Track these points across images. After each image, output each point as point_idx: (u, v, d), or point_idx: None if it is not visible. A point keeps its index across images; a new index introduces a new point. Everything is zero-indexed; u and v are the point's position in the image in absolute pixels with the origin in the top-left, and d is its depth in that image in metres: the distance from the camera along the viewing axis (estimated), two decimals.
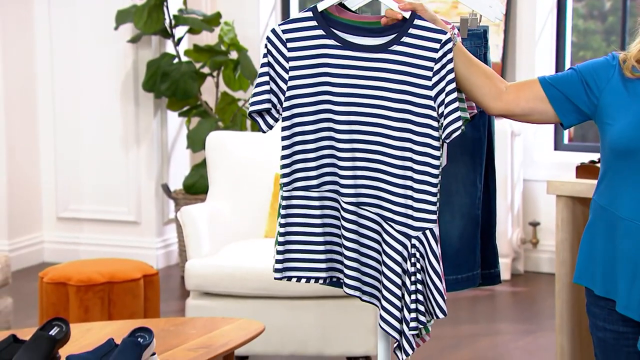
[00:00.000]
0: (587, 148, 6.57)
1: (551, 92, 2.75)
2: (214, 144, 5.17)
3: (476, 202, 3.06)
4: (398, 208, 2.73)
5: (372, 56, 2.71)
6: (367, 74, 2.72)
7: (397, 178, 2.73)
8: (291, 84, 2.76)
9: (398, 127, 2.71)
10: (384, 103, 2.71)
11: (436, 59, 2.67)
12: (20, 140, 6.78)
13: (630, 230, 2.66)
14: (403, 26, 2.70)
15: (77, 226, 6.93)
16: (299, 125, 2.78)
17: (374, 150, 2.74)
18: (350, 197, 2.77)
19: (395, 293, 2.74)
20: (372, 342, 4.61)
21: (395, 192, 2.73)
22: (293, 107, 2.78)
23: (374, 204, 2.76)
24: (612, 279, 2.70)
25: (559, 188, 3.89)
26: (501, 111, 2.78)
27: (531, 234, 6.61)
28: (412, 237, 2.72)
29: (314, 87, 2.76)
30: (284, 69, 2.76)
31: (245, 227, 5.06)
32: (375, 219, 2.77)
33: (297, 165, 2.80)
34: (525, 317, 5.74)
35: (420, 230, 2.72)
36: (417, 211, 2.72)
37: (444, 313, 2.73)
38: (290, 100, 2.77)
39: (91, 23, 6.73)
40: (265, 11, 7.08)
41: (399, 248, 2.73)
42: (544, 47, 6.57)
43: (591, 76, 2.73)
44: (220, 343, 3.53)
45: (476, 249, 3.08)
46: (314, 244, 2.83)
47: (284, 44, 2.76)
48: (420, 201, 2.71)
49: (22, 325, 5.42)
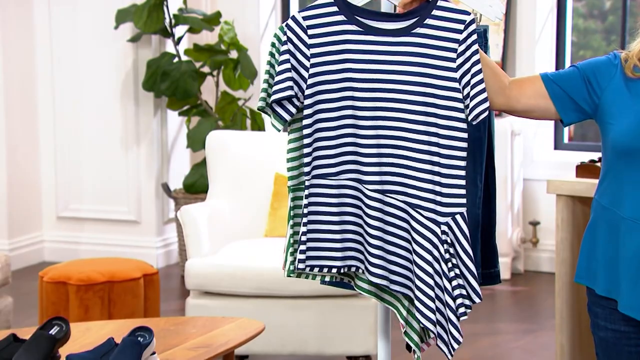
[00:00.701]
0: (587, 147, 6.58)
1: (553, 89, 2.74)
2: (214, 144, 5.17)
3: (476, 201, 3.06)
4: (425, 194, 2.70)
5: (395, 40, 2.69)
6: (390, 58, 2.69)
7: (422, 163, 2.69)
8: (313, 71, 2.72)
9: (422, 111, 2.68)
10: (407, 87, 2.68)
11: (460, 40, 2.65)
12: (20, 140, 6.78)
13: (632, 230, 2.66)
14: (426, 8, 2.68)
15: (77, 225, 6.94)
16: (321, 112, 2.73)
17: (398, 137, 2.71)
18: (375, 185, 2.73)
19: (427, 282, 2.70)
20: (372, 342, 4.61)
21: (421, 177, 2.70)
22: (316, 94, 2.73)
23: (400, 191, 2.72)
24: (614, 279, 2.70)
25: (559, 187, 3.89)
26: (502, 106, 2.77)
27: (531, 234, 6.61)
28: (441, 224, 2.70)
29: (337, 73, 2.72)
30: (305, 57, 2.72)
31: (245, 227, 5.06)
32: (402, 207, 2.72)
33: (318, 152, 2.75)
34: (525, 316, 5.74)
35: (449, 215, 2.69)
36: (446, 196, 2.68)
37: (480, 297, 2.70)
38: (313, 87, 2.73)
39: (91, 22, 6.73)
40: (266, 11, 7.08)
41: (429, 235, 2.70)
42: (544, 46, 6.57)
43: (593, 74, 2.72)
44: (220, 342, 3.53)
45: (477, 249, 3.08)
46: (330, 232, 2.77)
47: (304, 31, 2.72)
48: (449, 186, 2.68)
49: (22, 325, 5.43)
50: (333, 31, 2.72)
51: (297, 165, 2.78)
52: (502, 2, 6.42)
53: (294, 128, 2.77)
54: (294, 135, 2.77)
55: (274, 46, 2.76)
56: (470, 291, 2.70)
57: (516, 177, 6.52)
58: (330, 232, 2.77)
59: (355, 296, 4.61)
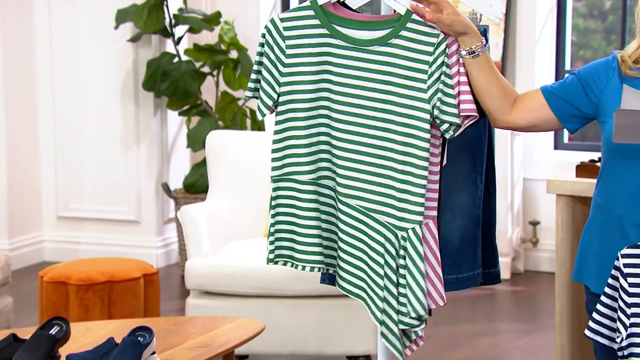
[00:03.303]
0: (587, 147, 6.57)
1: (553, 100, 2.78)
2: (214, 143, 5.17)
3: (477, 201, 3.06)
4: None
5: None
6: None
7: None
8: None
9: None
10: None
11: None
12: (20, 140, 6.78)
13: (625, 227, 2.67)
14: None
15: (77, 225, 6.94)
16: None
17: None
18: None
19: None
20: (372, 342, 4.61)
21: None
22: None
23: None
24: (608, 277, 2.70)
25: (559, 187, 3.90)
26: (508, 124, 2.81)
27: (531, 233, 6.61)
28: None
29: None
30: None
31: (245, 226, 5.06)
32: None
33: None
34: (525, 316, 5.74)
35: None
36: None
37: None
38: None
39: (91, 22, 6.73)
40: (265, 10, 7.08)
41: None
42: (544, 46, 6.57)
43: (592, 77, 2.75)
44: (220, 342, 3.53)
45: (477, 248, 3.08)
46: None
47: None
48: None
49: (22, 325, 5.43)
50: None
51: (280, 156, 2.84)
52: (502, 2, 6.42)
53: (278, 120, 2.83)
54: (278, 127, 2.85)
55: (263, 37, 2.83)
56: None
57: (516, 177, 6.52)
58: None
59: None
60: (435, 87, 2.70)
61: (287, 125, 2.82)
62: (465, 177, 3.06)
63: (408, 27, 2.72)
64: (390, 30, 2.73)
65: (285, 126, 2.82)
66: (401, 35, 2.72)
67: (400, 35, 2.72)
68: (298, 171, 2.83)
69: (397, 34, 2.72)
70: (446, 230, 3.04)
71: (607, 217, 2.72)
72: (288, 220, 2.86)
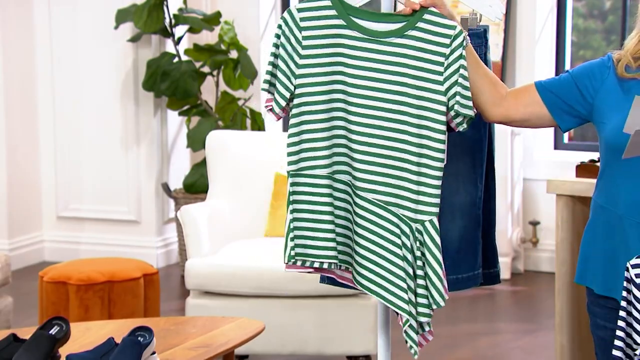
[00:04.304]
0: (587, 147, 6.58)
1: (547, 96, 2.77)
2: (214, 143, 5.17)
3: (477, 201, 3.06)
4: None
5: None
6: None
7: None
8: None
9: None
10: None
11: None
12: (20, 140, 6.78)
13: (628, 227, 2.67)
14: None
15: (77, 225, 6.94)
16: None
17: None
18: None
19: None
20: (372, 342, 4.61)
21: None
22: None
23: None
24: (612, 278, 2.70)
25: (559, 187, 3.90)
26: (500, 117, 2.80)
27: (531, 233, 6.62)
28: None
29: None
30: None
31: (245, 226, 5.06)
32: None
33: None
34: (524, 316, 5.74)
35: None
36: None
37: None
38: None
39: (91, 22, 6.73)
40: (266, 10, 7.08)
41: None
42: (544, 46, 6.57)
43: (587, 77, 2.75)
44: (220, 342, 3.53)
45: (477, 249, 3.08)
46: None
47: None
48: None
49: (22, 325, 5.43)
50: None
51: (296, 150, 2.80)
52: (502, 2, 6.42)
53: (294, 113, 2.80)
54: (294, 120, 2.81)
55: (280, 28, 2.79)
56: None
57: (516, 177, 6.52)
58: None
59: (355, 296, 4.61)
60: (453, 80, 2.68)
61: (303, 119, 2.78)
62: (465, 178, 3.06)
63: (425, 18, 2.71)
64: (406, 22, 2.72)
65: (301, 119, 2.78)
66: (418, 27, 2.71)
67: (417, 27, 2.71)
68: (314, 165, 2.80)
69: (413, 26, 2.71)
70: (446, 230, 3.04)
71: (609, 217, 2.71)
72: (306, 217, 2.81)
